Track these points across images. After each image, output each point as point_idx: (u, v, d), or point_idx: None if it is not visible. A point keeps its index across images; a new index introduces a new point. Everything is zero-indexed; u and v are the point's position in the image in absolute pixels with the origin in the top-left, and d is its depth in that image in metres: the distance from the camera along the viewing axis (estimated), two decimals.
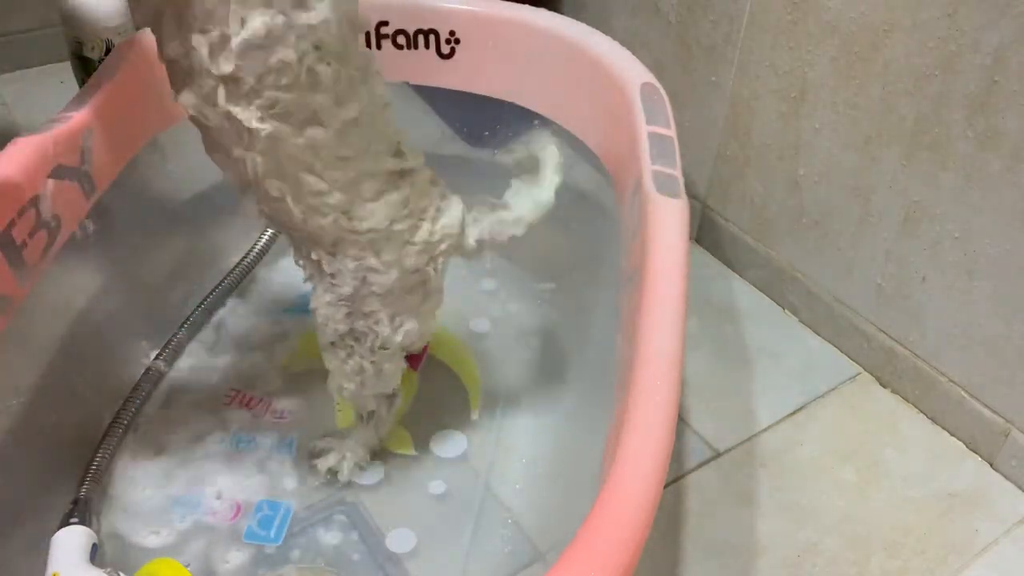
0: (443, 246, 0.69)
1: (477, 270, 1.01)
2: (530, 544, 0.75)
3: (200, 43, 0.56)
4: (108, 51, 0.97)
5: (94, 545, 0.62)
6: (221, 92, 0.57)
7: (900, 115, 0.86)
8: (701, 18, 1.04)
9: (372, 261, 0.66)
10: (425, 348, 0.91)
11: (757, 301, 1.09)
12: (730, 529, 0.82)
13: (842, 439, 0.92)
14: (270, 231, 1.01)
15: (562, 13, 0.95)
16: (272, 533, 0.74)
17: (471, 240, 0.71)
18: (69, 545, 0.60)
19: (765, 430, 0.92)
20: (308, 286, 0.70)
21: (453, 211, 0.69)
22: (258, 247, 1.00)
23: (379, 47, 0.95)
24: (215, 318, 0.94)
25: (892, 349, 0.96)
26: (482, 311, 0.96)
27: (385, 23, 0.94)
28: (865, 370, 1.00)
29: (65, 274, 0.76)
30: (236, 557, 0.72)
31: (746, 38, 0.99)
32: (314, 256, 0.68)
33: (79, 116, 0.77)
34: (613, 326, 0.75)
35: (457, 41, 0.95)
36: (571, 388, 0.88)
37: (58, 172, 0.74)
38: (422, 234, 0.67)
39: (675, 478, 0.87)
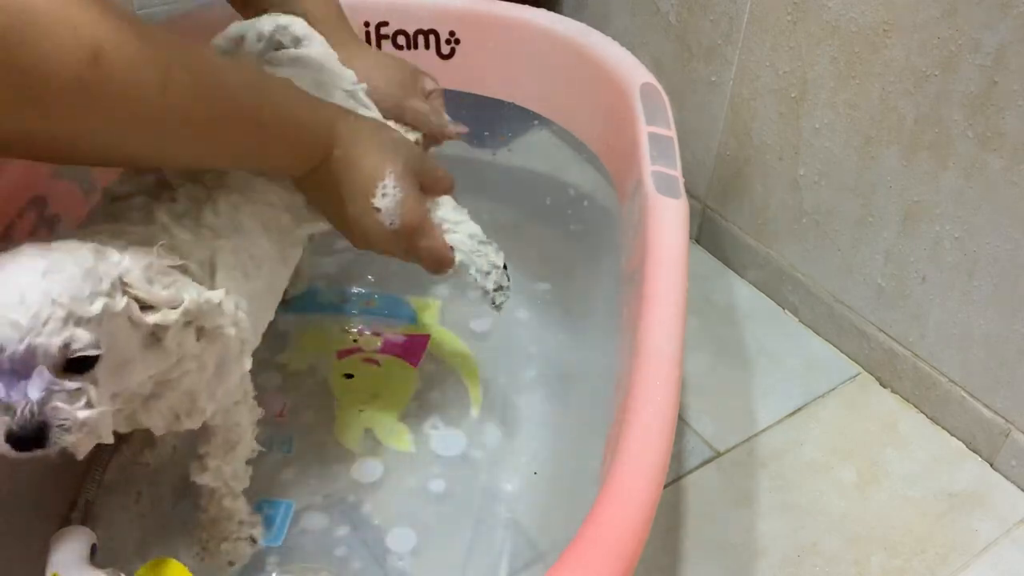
0: None
1: None
2: (530, 544, 0.75)
3: None
4: None
5: (94, 545, 0.61)
6: None
7: (900, 115, 0.86)
8: (701, 18, 1.04)
9: None
10: (425, 345, 0.91)
11: (757, 301, 1.09)
12: (730, 529, 0.82)
13: (842, 439, 0.92)
14: None
15: (562, 13, 0.95)
16: (272, 533, 0.74)
17: None
18: (69, 545, 0.60)
19: (765, 430, 0.92)
20: (307, 285, 0.69)
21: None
22: None
23: (379, 47, 0.95)
24: None
25: (892, 349, 0.96)
26: (482, 311, 0.96)
27: (385, 23, 0.94)
28: (865, 370, 1.00)
29: None
30: None
31: (746, 38, 0.99)
32: None
33: None
34: (613, 326, 0.75)
35: (457, 41, 0.95)
36: (571, 388, 0.88)
37: (58, 172, 0.74)
38: None
39: (675, 478, 0.87)
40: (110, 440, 0.50)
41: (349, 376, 0.88)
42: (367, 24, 0.94)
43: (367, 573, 0.72)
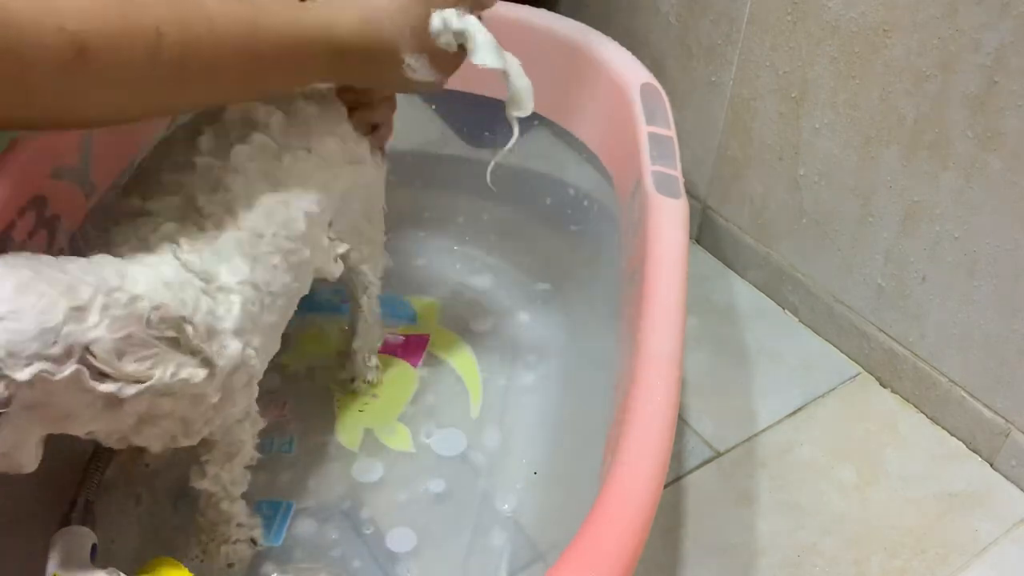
0: None
1: (477, 269, 1.01)
2: (530, 544, 0.75)
3: None
4: None
5: (94, 545, 0.61)
6: None
7: (900, 115, 0.86)
8: (701, 18, 1.04)
9: None
10: (425, 345, 0.91)
11: (757, 301, 1.09)
12: (730, 529, 0.82)
13: (842, 439, 0.92)
14: None
15: (562, 13, 0.95)
16: (272, 533, 0.74)
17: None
18: (69, 545, 0.60)
19: (765, 430, 0.92)
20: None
21: None
22: None
23: None
24: None
25: (892, 349, 0.96)
26: (482, 311, 0.96)
27: None
28: (865, 370, 1.00)
29: None
30: None
31: (746, 38, 0.99)
32: None
33: None
34: (613, 326, 0.75)
35: None
36: (571, 388, 0.88)
37: (58, 172, 0.74)
38: None
39: (675, 478, 0.87)
40: (30, 470, 0.49)
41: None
42: None
43: (367, 573, 0.72)
